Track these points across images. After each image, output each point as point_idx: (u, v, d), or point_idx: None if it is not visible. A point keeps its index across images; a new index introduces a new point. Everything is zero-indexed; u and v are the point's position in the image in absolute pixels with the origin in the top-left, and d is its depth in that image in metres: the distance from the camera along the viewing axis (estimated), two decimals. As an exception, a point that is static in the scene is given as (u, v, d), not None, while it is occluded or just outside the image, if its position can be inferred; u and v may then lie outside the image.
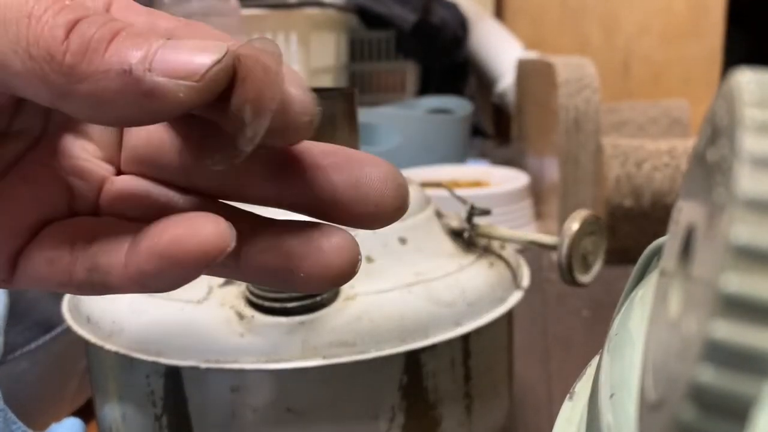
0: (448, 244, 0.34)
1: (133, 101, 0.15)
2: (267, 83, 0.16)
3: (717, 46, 1.64)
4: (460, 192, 0.45)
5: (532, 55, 1.28)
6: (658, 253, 0.23)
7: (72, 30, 0.15)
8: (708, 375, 0.10)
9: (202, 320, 0.28)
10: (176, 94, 0.15)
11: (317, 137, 0.36)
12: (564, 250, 0.31)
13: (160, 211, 0.18)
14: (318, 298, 0.28)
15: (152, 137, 0.19)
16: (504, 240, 0.35)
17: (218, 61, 0.15)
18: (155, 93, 0.15)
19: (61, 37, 0.15)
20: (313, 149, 0.19)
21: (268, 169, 0.19)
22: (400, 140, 1.02)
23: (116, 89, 0.15)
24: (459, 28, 1.41)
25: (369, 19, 1.28)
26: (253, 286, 0.28)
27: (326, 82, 1.07)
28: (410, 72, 1.36)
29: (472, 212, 0.36)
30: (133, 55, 0.15)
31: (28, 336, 0.39)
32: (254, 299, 0.28)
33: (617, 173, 0.71)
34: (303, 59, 0.92)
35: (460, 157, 1.07)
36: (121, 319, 0.29)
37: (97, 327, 0.30)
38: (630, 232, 0.72)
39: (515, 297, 0.34)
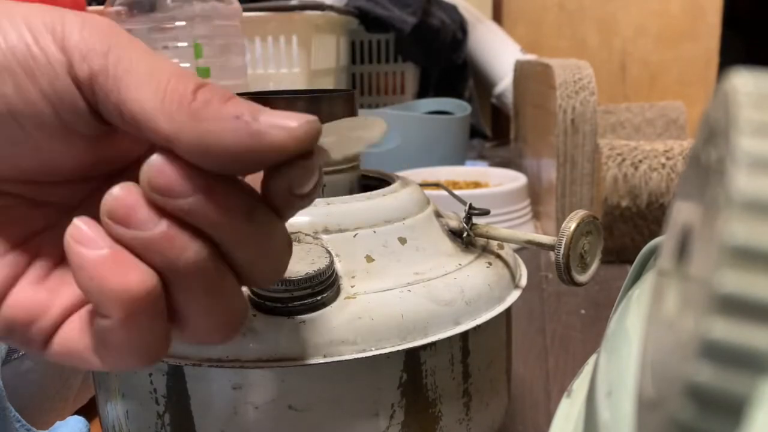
0: (447, 244, 0.34)
1: (240, 140, 0.19)
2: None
3: (713, 48, 1.64)
4: (459, 192, 0.45)
5: (529, 57, 1.28)
6: (654, 252, 0.23)
7: (199, 89, 0.20)
8: (705, 373, 0.10)
9: (204, 319, 0.28)
10: (277, 136, 0.19)
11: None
12: (562, 249, 0.31)
13: None
14: (319, 297, 0.28)
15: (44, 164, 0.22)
16: (502, 240, 0.35)
17: (309, 122, 0.19)
18: (261, 134, 0.19)
19: (191, 90, 0.19)
20: None
21: None
22: (400, 141, 1.02)
23: (230, 128, 0.19)
24: (458, 31, 1.41)
25: (369, 21, 1.28)
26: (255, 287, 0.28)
27: (327, 84, 1.07)
28: (410, 74, 1.37)
29: (471, 212, 0.36)
30: (245, 108, 0.19)
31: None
32: (256, 299, 0.28)
33: (614, 174, 0.71)
34: (304, 61, 0.92)
35: (458, 158, 1.08)
36: (123, 317, 0.29)
37: (99, 326, 0.30)
38: (627, 232, 0.72)
39: (513, 296, 0.35)
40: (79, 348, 0.21)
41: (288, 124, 0.19)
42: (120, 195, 0.19)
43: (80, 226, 0.19)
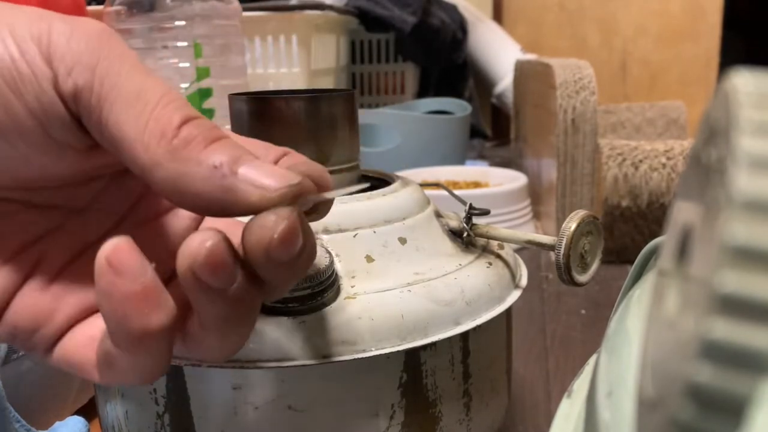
0: (447, 244, 0.34)
1: (212, 191, 0.18)
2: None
3: (713, 48, 1.64)
4: (459, 192, 0.45)
5: (530, 56, 1.28)
6: (655, 252, 0.23)
7: (185, 123, 0.19)
8: (705, 374, 0.10)
9: (204, 319, 0.28)
10: (249, 197, 0.18)
11: (319, 138, 0.36)
12: (562, 249, 0.31)
13: None
14: (319, 298, 0.28)
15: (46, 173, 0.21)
16: (502, 240, 0.35)
17: (290, 186, 0.18)
18: (233, 190, 0.18)
19: (176, 124, 0.19)
20: None
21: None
22: (400, 141, 1.02)
23: (203, 176, 0.18)
24: (458, 31, 1.41)
25: (369, 21, 1.28)
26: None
27: (327, 83, 1.07)
28: (410, 73, 1.37)
29: (471, 212, 0.36)
30: (225, 158, 0.18)
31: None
32: (256, 298, 0.28)
33: (614, 174, 0.71)
34: (304, 61, 0.92)
35: (459, 158, 1.08)
36: (123, 318, 0.29)
37: (99, 326, 0.30)
38: (627, 232, 0.72)
39: (514, 296, 0.34)
40: (82, 362, 0.21)
41: (266, 184, 0.18)
42: (213, 249, 0.18)
43: (121, 253, 0.18)
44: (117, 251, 0.18)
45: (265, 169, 0.18)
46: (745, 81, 0.11)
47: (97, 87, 0.19)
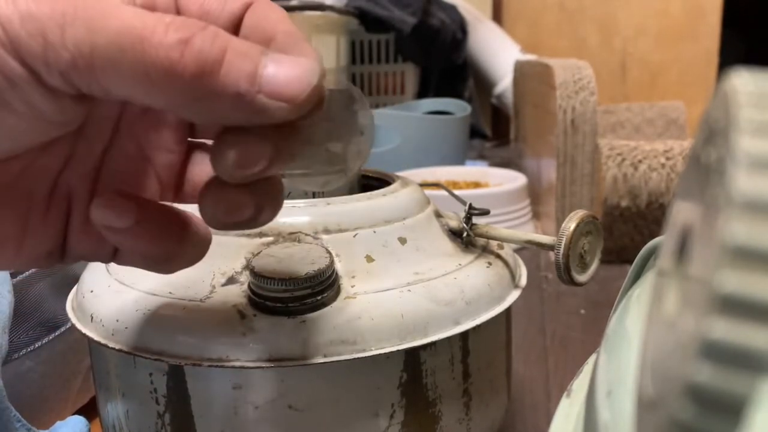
0: (447, 244, 0.34)
1: (244, 115, 0.19)
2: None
3: (713, 48, 1.64)
4: (459, 192, 0.45)
5: (530, 57, 1.28)
6: (654, 252, 0.23)
7: (186, 48, 0.17)
8: (704, 374, 0.10)
9: (205, 319, 0.28)
10: (279, 112, 0.19)
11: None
12: (561, 249, 0.31)
13: None
14: (319, 297, 0.28)
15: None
16: (502, 240, 0.35)
17: (314, 87, 0.19)
18: (263, 110, 0.19)
19: (177, 57, 0.17)
20: None
21: None
22: (400, 141, 1.02)
23: (231, 106, 0.18)
24: (458, 31, 1.41)
25: (369, 21, 1.28)
26: (255, 287, 0.28)
27: (327, 84, 1.07)
28: (410, 74, 1.37)
29: (471, 212, 0.36)
30: (244, 78, 0.18)
31: (33, 336, 0.39)
32: (256, 299, 0.28)
33: (614, 174, 0.71)
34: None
35: (458, 158, 1.08)
36: (124, 317, 0.29)
37: (100, 325, 0.30)
38: (626, 231, 0.72)
39: (513, 296, 0.34)
40: (133, 261, 0.24)
41: (292, 95, 0.18)
42: None
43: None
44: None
45: (285, 72, 0.19)
46: (745, 81, 0.11)
47: (80, 60, 0.17)
